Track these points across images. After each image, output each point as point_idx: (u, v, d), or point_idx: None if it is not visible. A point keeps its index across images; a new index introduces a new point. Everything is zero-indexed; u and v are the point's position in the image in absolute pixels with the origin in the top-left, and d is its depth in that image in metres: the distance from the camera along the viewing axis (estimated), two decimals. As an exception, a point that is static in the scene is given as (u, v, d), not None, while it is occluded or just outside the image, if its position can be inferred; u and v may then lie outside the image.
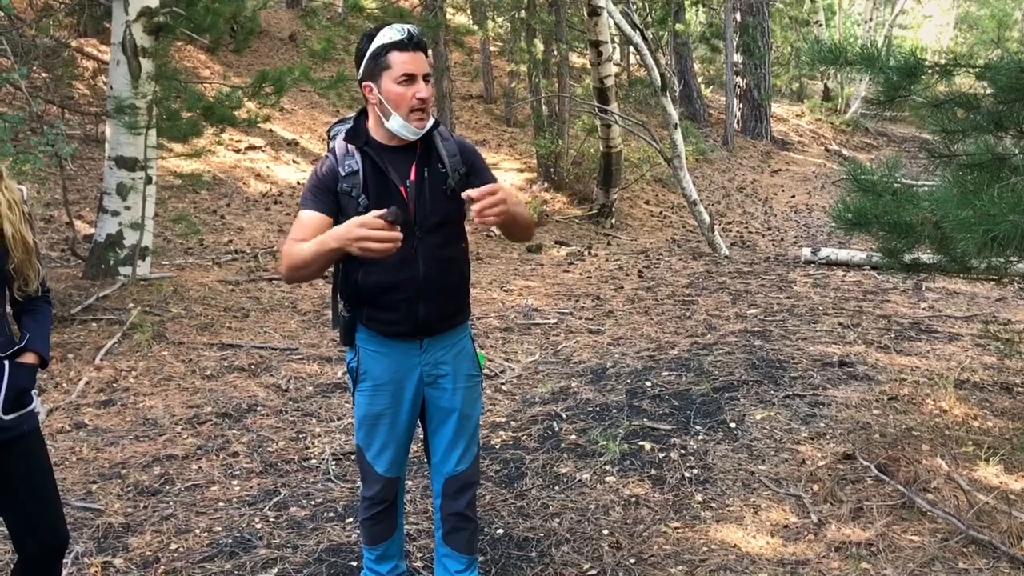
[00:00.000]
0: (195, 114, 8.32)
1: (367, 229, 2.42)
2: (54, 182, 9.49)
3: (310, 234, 2.65)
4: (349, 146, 2.77)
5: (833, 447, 4.50)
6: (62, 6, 10.04)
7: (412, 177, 2.76)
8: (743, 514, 3.90)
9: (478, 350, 3.10)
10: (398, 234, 2.43)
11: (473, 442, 3.04)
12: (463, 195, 2.59)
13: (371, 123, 2.77)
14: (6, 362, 2.57)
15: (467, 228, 2.98)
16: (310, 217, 2.71)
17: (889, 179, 4.70)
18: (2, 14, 7.51)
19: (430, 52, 2.77)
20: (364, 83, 2.71)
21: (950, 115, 4.21)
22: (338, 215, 2.73)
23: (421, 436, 3.13)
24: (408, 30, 2.62)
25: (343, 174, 2.72)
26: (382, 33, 2.63)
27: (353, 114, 2.95)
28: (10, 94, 9.22)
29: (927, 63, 4.01)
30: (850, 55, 4.32)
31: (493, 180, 2.86)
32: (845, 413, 4.95)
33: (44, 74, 9.87)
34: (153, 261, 8.49)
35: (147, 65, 7.77)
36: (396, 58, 2.62)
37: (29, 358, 2.64)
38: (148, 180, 8.08)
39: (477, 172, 2.87)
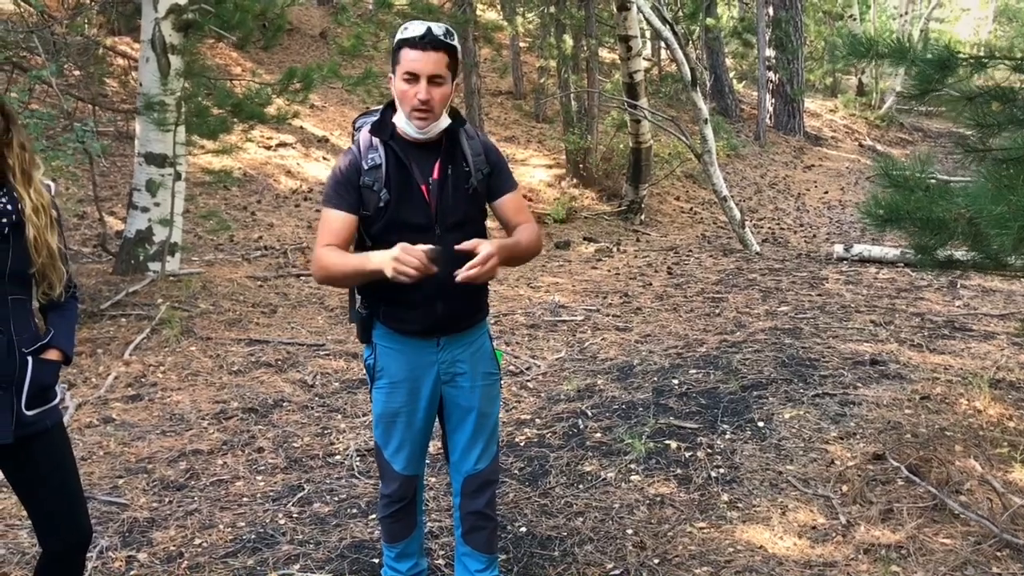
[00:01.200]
0: (224, 111, 8.36)
1: (408, 256, 2.48)
2: (86, 179, 9.59)
3: (337, 238, 2.69)
4: (374, 139, 2.76)
5: (863, 447, 4.41)
6: (94, 4, 10.13)
7: (435, 175, 2.75)
8: (770, 515, 3.83)
9: (496, 347, 3.07)
10: (433, 268, 2.50)
11: (492, 440, 3.02)
12: (456, 248, 2.60)
13: (397, 117, 2.76)
14: (29, 358, 2.57)
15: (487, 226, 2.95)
16: (335, 217, 2.72)
17: (922, 174, 4.61)
18: (34, 11, 7.58)
19: (458, 52, 2.74)
20: (389, 74, 2.75)
21: (985, 109, 4.11)
22: (360, 210, 2.73)
23: (440, 434, 3.11)
24: (428, 28, 2.61)
25: (366, 167, 2.72)
26: (405, 27, 2.64)
27: (380, 107, 2.93)
28: (43, 92, 9.31)
29: (961, 56, 3.91)
30: (882, 48, 4.23)
31: (513, 186, 2.93)
32: (876, 412, 4.86)
33: (76, 72, 9.97)
34: (182, 257, 8.55)
35: (176, 62, 7.82)
36: (405, 55, 2.62)
37: (52, 354, 2.64)
38: (177, 176, 8.13)
39: (498, 174, 2.88)
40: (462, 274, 2.56)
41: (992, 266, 4.58)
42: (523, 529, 3.80)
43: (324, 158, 13.31)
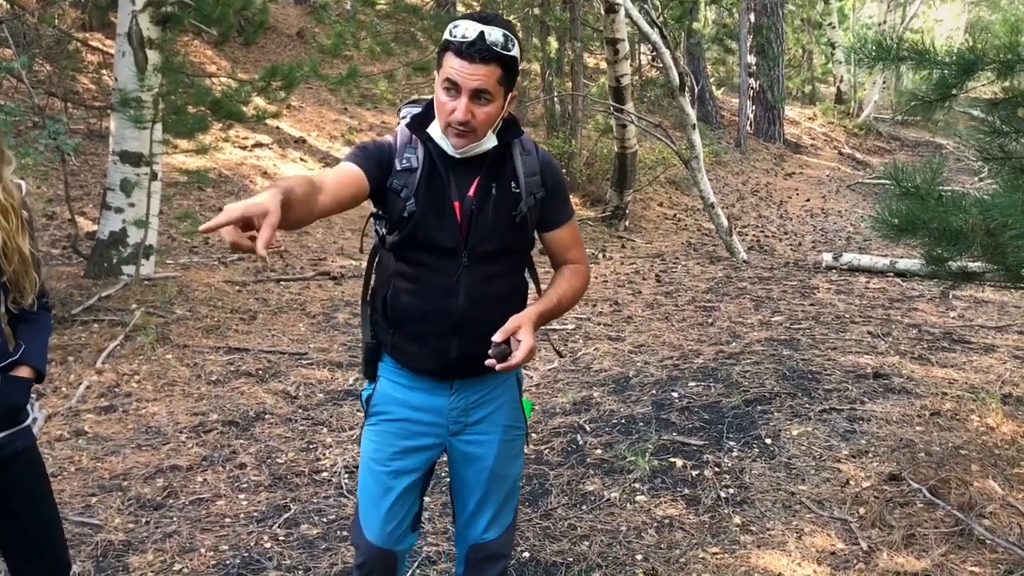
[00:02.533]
0: (202, 109, 8.07)
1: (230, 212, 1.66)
2: (56, 177, 9.25)
3: (333, 177, 2.16)
4: (414, 136, 2.31)
5: (877, 466, 4.23)
6: (67, -3, 9.82)
7: (471, 192, 2.29)
8: (786, 539, 3.64)
9: (525, 397, 2.62)
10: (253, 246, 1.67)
11: (507, 507, 2.59)
12: (492, 339, 2.19)
13: (433, 126, 2.32)
14: None
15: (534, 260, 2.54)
16: (343, 165, 2.24)
17: (932, 183, 4.45)
18: (4, 2, 7.27)
19: (517, 63, 2.22)
20: (436, 71, 2.29)
21: (1009, 114, 3.95)
22: (382, 193, 2.28)
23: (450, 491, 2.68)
24: (481, 33, 2.13)
25: (398, 167, 2.28)
26: (455, 24, 2.18)
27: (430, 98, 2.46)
28: (12, 87, 8.98)
29: (988, 59, 3.74)
30: (900, 51, 4.06)
31: (570, 214, 2.49)
32: (886, 429, 4.69)
33: (47, 66, 9.63)
34: (157, 260, 8.24)
35: (153, 57, 7.52)
36: (448, 60, 2.17)
37: (23, 371, 2.39)
38: (153, 176, 7.84)
39: (555, 199, 2.42)
40: (500, 366, 2.18)
41: (1009, 279, 4.42)
42: (526, 555, 3.58)
43: (301, 159, 13.03)
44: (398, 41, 13.11)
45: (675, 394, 5.34)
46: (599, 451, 4.57)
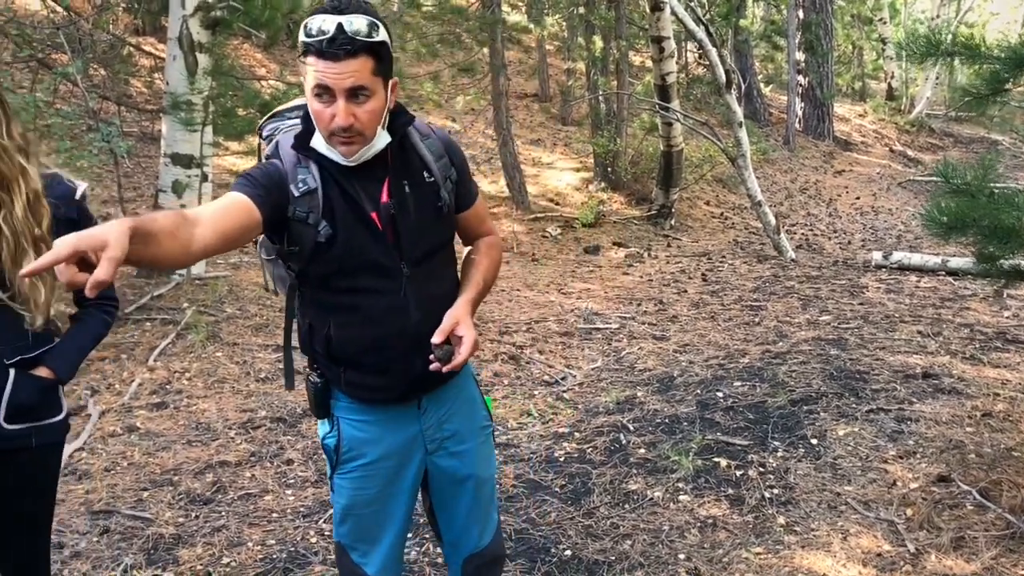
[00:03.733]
0: (251, 111, 8.19)
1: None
2: (110, 179, 9.46)
3: (213, 209, 1.91)
4: (299, 154, 2.06)
5: (925, 467, 4.17)
6: (120, 2, 10.02)
7: (384, 197, 2.08)
8: (831, 540, 3.61)
9: (482, 394, 2.50)
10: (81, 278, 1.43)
11: (492, 508, 2.49)
12: (432, 342, 2.05)
13: (316, 139, 2.08)
14: (12, 370, 2.23)
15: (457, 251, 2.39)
16: (226, 196, 1.98)
17: (983, 180, 4.37)
18: (60, 8, 7.46)
19: (388, 46, 1.97)
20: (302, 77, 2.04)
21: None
22: (283, 225, 2.04)
23: (425, 507, 2.53)
24: (338, 25, 1.88)
25: (296, 194, 2.02)
26: (307, 23, 1.92)
27: (294, 102, 2.28)
28: (68, 91, 9.20)
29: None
30: (950, 46, 4.00)
31: (477, 190, 2.35)
32: (935, 430, 4.61)
33: (101, 70, 9.85)
34: (208, 260, 8.39)
35: (204, 61, 7.66)
36: (311, 63, 1.92)
37: (42, 371, 2.28)
38: (204, 178, 7.97)
39: (464, 179, 2.26)
40: (447, 367, 2.05)
41: (1064, 278, 4.33)
42: (568, 552, 3.59)
43: (349, 160, 13.15)
44: (443, 42, 13.16)
45: (720, 394, 5.30)
46: (642, 450, 4.57)
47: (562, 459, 4.53)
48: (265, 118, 2.33)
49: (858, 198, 16.06)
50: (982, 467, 4.09)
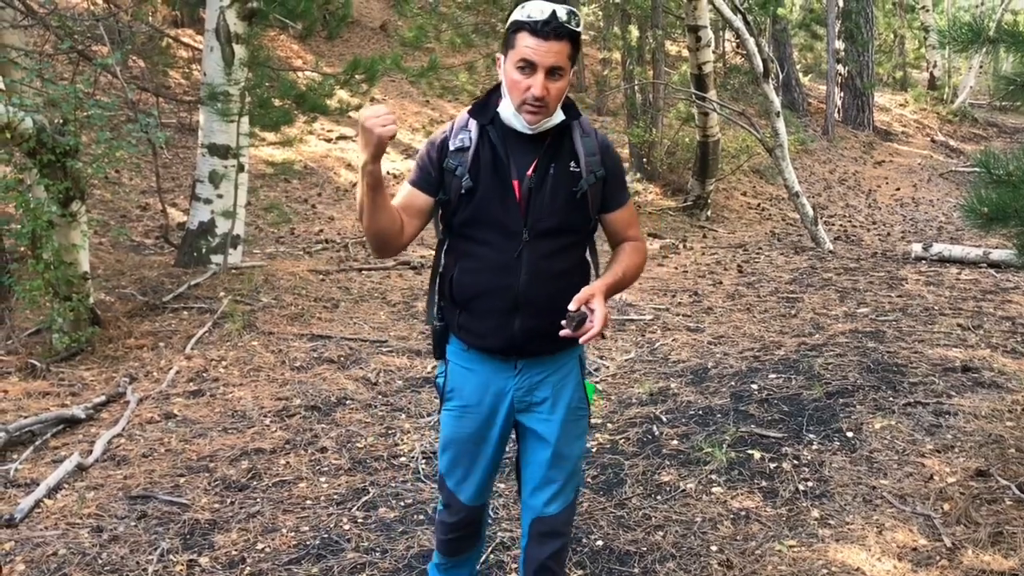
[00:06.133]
0: (287, 102, 8.26)
1: (371, 116, 2.13)
2: (149, 170, 9.58)
3: (403, 211, 2.41)
4: (470, 120, 2.45)
5: (963, 462, 4.11)
6: (159, -6, 10.15)
7: (530, 171, 2.40)
8: (865, 533, 3.57)
9: (589, 380, 2.73)
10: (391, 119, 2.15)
11: (569, 485, 2.66)
12: (567, 308, 2.29)
13: (503, 105, 2.43)
14: None
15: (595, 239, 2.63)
16: (405, 188, 2.46)
17: (1027, 170, 4.28)
18: (100, 0, 7.55)
19: (581, 37, 2.37)
20: (499, 55, 2.42)
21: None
22: (438, 192, 2.44)
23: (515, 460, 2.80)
24: (552, 12, 2.24)
25: (452, 148, 2.41)
26: (523, 7, 2.29)
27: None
28: (107, 82, 9.32)
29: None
30: (994, 33, 3.93)
31: (627, 197, 2.61)
32: (974, 424, 4.54)
33: (140, 62, 9.97)
34: (244, 250, 8.48)
35: (240, 52, 7.73)
36: (521, 40, 2.27)
37: None
38: (240, 168, 8.06)
39: (614, 181, 2.52)
40: (576, 333, 2.30)
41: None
42: (599, 543, 3.59)
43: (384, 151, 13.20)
44: (478, 32, 13.19)
45: (754, 386, 5.26)
46: (675, 442, 4.54)
47: (595, 450, 4.52)
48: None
49: (898, 189, 15.85)
50: (1022, 462, 4.02)
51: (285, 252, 9.21)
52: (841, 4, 19.31)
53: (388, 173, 12.31)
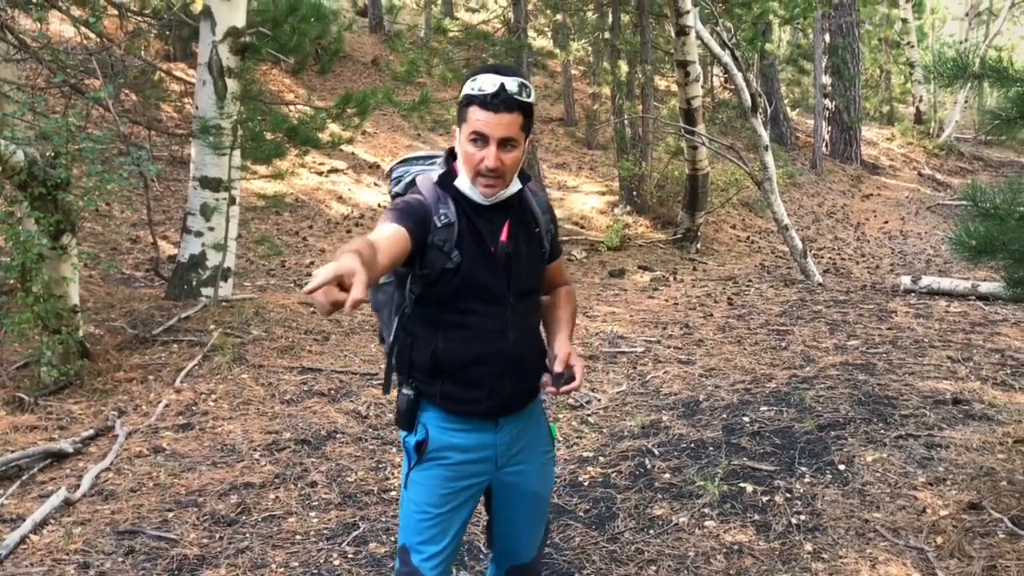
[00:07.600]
0: (279, 136, 8.29)
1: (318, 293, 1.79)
2: (140, 203, 9.58)
3: (384, 239, 2.16)
4: (439, 191, 2.38)
5: (956, 495, 4.10)
6: (152, 28, 10.19)
7: (503, 237, 2.41)
8: (859, 567, 3.55)
9: (549, 421, 2.73)
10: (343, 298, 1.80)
11: (543, 524, 2.70)
12: (554, 370, 2.39)
13: (460, 180, 2.39)
14: None
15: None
16: (385, 224, 2.24)
17: (1012, 203, 4.32)
18: (93, 35, 7.59)
19: (533, 109, 2.36)
20: (454, 127, 2.40)
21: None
22: (421, 251, 2.31)
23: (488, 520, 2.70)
24: (501, 84, 2.24)
25: (437, 224, 2.33)
26: (474, 79, 2.28)
27: (419, 152, 2.63)
28: (99, 115, 9.34)
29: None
30: (978, 69, 3.98)
31: (560, 249, 2.69)
32: (966, 457, 4.54)
33: (132, 95, 10.00)
34: (235, 282, 8.46)
35: (232, 85, 7.76)
36: (473, 113, 2.26)
37: None
38: (232, 201, 8.07)
39: (556, 236, 2.62)
40: (563, 389, 2.37)
41: (1096, 302, 4.26)
42: (592, 577, 3.56)
43: (375, 184, 13.25)
44: (470, 67, 13.24)
45: (746, 418, 5.26)
46: (667, 475, 4.53)
47: (586, 483, 4.50)
48: (395, 162, 2.63)
49: (886, 222, 15.96)
50: (1014, 495, 4.02)
51: (276, 285, 9.19)
52: (828, 40, 19.56)
53: (379, 206, 12.34)
